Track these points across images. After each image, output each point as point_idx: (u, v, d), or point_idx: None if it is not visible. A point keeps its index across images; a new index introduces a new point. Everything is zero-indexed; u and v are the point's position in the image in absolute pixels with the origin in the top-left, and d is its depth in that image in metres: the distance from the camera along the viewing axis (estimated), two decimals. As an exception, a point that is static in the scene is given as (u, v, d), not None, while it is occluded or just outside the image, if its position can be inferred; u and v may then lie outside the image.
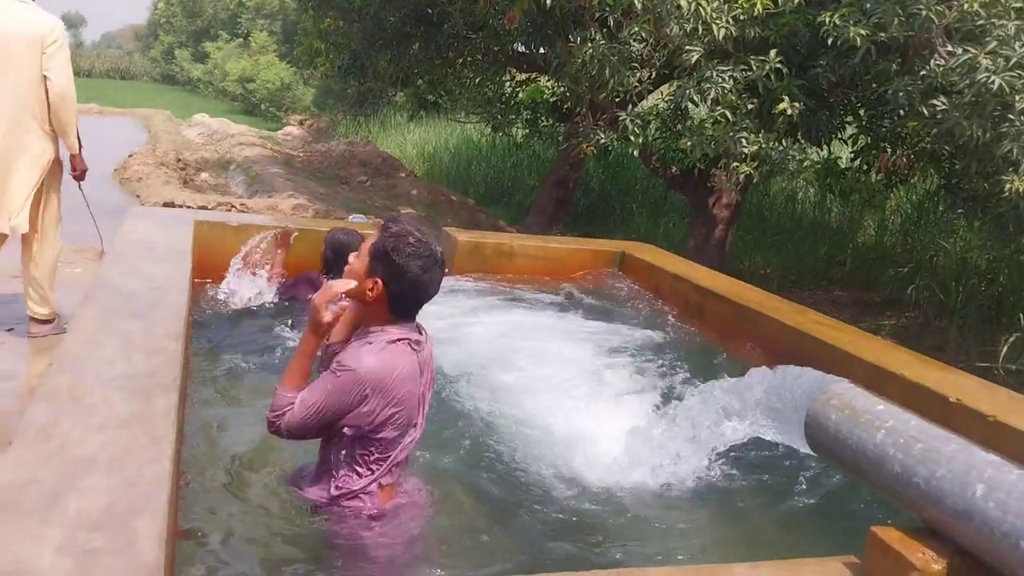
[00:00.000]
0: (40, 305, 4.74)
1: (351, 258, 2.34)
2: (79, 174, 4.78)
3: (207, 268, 4.46)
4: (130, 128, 20.39)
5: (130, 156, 13.19)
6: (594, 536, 2.40)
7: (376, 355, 2.21)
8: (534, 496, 2.53)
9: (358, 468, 2.25)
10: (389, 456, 2.27)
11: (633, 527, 2.42)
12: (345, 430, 2.21)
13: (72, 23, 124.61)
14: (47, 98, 4.40)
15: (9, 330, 5.04)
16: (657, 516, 2.46)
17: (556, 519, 2.43)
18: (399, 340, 2.26)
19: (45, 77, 4.34)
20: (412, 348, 2.28)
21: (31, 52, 4.29)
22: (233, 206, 9.26)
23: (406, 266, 2.22)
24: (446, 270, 2.38)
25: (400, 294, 2.26)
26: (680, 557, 2.19)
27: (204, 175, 13.07)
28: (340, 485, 2.25)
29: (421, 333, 2.36)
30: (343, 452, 2.26)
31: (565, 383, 3.32)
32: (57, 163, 4.63)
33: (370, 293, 2.24)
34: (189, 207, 8.65)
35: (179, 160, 13.42)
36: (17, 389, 4.16)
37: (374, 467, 2.26)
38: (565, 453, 2.75)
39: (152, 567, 1.53)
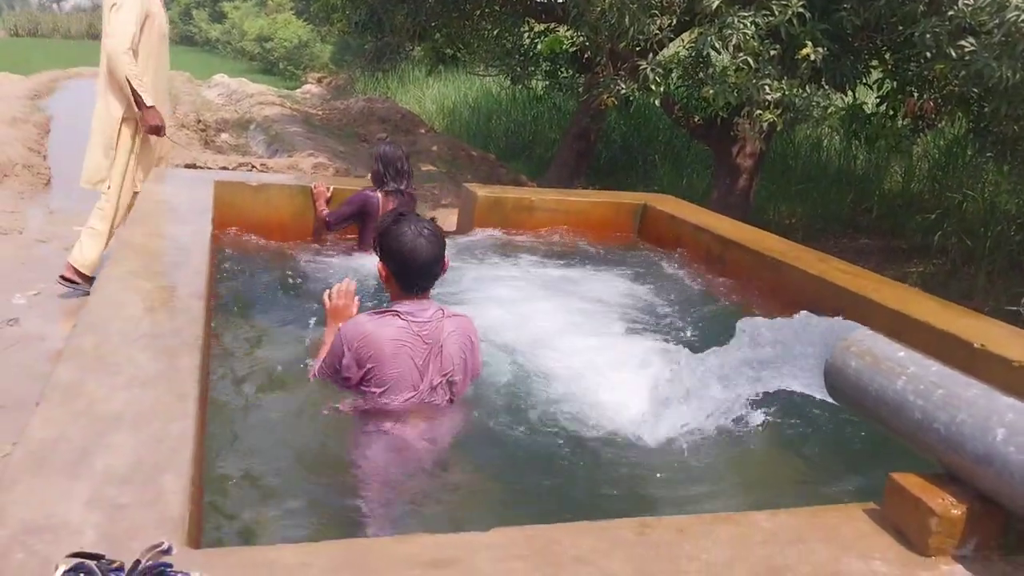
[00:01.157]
0: (81, 255, 4.91)
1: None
2: (150, 129, 4.94)
3: (228, 227, 4.52)
4: (150, 90, 20.37)
5: (151, 118, 13.20)
6: (616, 487, 2.42)
7: (358, 320, 2.64)
8: (555, 448, 2.55)
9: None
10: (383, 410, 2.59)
11: (654, 477, 2.44)
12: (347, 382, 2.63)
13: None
14: None
15: (36, 294, 5.11)
16: (678, 466, 2.47)
17: (578, 471, 2.46)
18: (389, 312, 2.62)
19: None
20: (401, 318, 2.59)
21: (105, 16, 4.76)
22: (254, 166, 9.28)
23: (392, 245, 2.61)
24: (445, 239, 2.71)
25: (396, 271, 2.64)
26: (701, 506, 2.21)
27: (224, 136, 13.08)
28: None
29: (431, 311, 2.65)
30: None
31: (585, 335, 3.32)
32: (127, 121, 4.92)
33: (382, 276, 2.69)
34: (210, 168, 8.67)
35: (199, 121, 13.43)
36: (47, 351, 4.24)
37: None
38: (587, 405, 2.76)
39: (178, 520, 1.56)
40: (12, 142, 9.50)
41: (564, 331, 3.46)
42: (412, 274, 2.63)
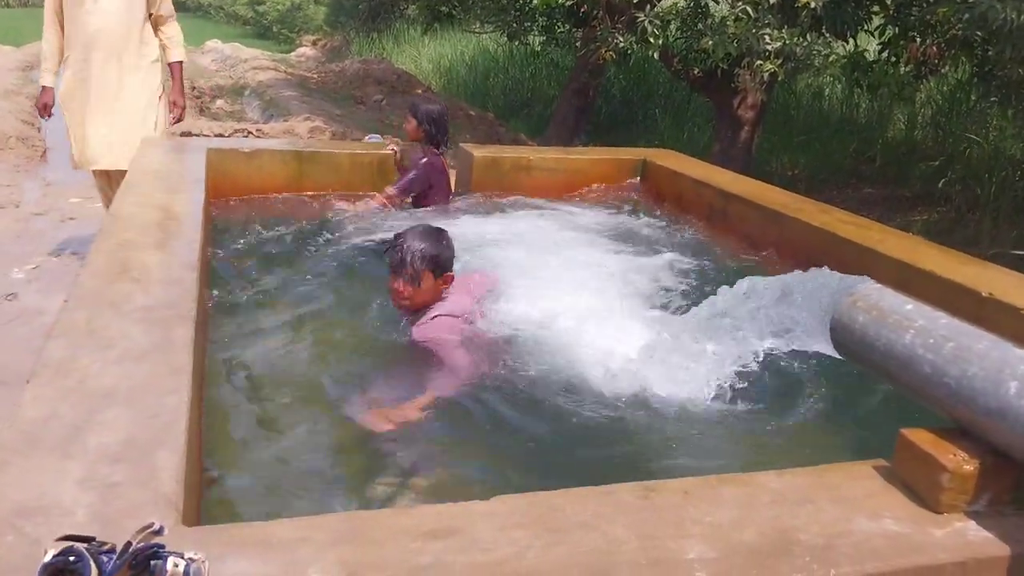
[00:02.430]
0: None
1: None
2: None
3: (222, 196, 4.45)
4: (144, 58, 20.17)
5: (145, 86, 13.07)
6: (616, 448, 2.39)
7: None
8: (555, 411, 2.51)
9: None
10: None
11: (656, 438, 2.40)
12: None
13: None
14: None
15: (35, 268, 5.08)
16: (680, 426, 2.43)
17: (577, 432, 2.42)
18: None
19: None
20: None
21: None
22: (249, 132, 9.16)
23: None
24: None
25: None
26: (706, 468, 2.17)
27: (219, 102, 12.95)
28: None
29: None
30: None
31: (585, 292, 3.27)
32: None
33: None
34: (206, 135, 8.57)
35: (194, 88, 13.28)
36: (46, 324, 4.21)
37: None
38: (586, 363, 2.72)
39: (173, 498, 1.53)
40: (5, 115, 9.40)
41: (562, 290, 3.41)
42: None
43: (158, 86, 5.14)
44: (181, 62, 5.30)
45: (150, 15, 5.02)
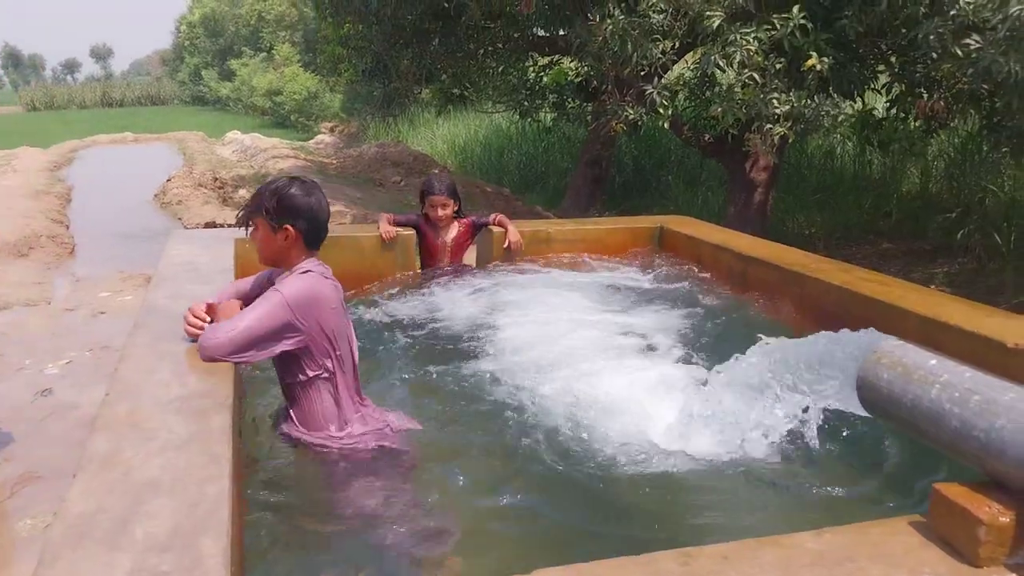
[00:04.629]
0: None
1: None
2: None
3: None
4: (166, 152, 20.74)
5: (168, 180, 13.42)
6: (654, 514, 2.39)
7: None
8: (588, 476, 2.53)
9: None
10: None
11: (692, 502, 2.41)
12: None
13: (100, 55, 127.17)
14: None
15: (68, 363, 5.17)
16: (716, 488, 2.44)
17: (613, 498, 2.43)
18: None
19: None
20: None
21: None
22: (272, 219, 9.34)
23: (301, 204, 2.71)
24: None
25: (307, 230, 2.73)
26: (744, 530, 2.17)
27: (242, 191, 13.22)
28: None
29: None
30: None
31: (613, 357, 3.31)
32: None
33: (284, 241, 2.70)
34: (230, 225, 8.76)
35: (216, 179, 13.60)
36: (81, 418, 4.28)
37: None
38: (616, 426, 2.74)
39: (220, 584, 1.56)
40: (36, 215, 9.67)
41: (589, 354, 3.45)
42: (321, 230, 2.78)
43: None
44: None
45: None
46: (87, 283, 7.28)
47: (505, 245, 5.01)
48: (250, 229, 2.79)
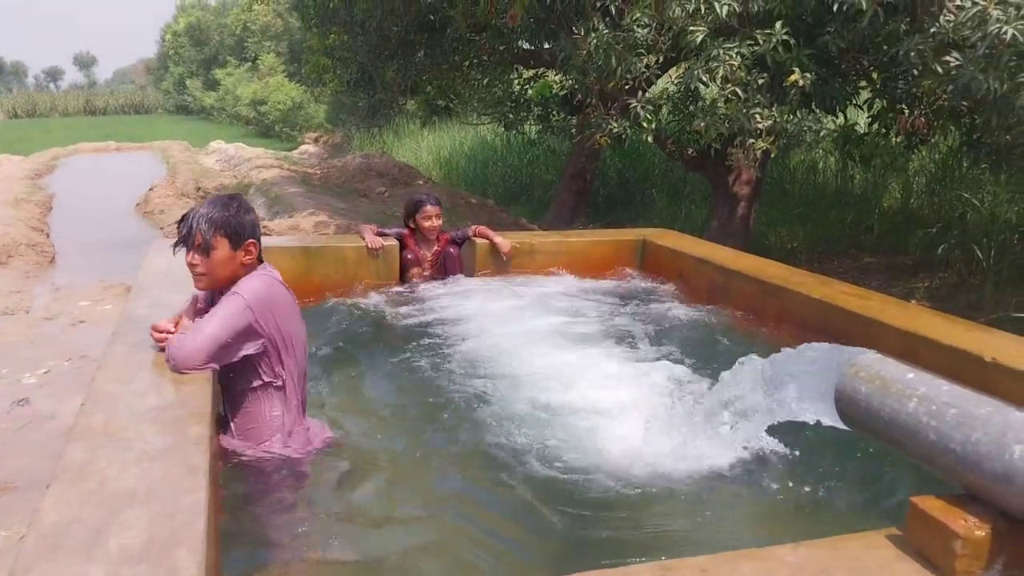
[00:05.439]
0: None
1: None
2: None
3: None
4: (149, 161, 20.66)
5: (151, 189, 13.36)
6: (632, 526, 2.39)
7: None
8: (566, 487, 2.53)
9: None
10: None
11: (670, 514, 2.41)
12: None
13: (84, 63, 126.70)
14: None
15: (46, 372, 5.13)
16: (694, 501, 2.44)
17: (592, 511, 2.43)
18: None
19: None
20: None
21: None
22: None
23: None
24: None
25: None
26: (722, 542, 2.18)
27: (225, 201, 13.17)
28: None
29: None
30: None
31: (590, 370, 3.31)
32: None
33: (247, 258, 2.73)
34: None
35: (199, 189, 13.56)
36: (58, 428, 4.24)
37: None
38: (593, 438, 2.75)
39: (194, 597, 1.55)
40: (15, 223, 9.60)
41: (567, 365, 3.46)
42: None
43: None
44: None
45: None
46: (67, 292, 7.23)
47: (504, 253, 5.12)
48: (195, 252, 2.72)
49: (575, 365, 3.44)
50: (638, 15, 5.93)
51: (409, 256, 5.05)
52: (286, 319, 2.66)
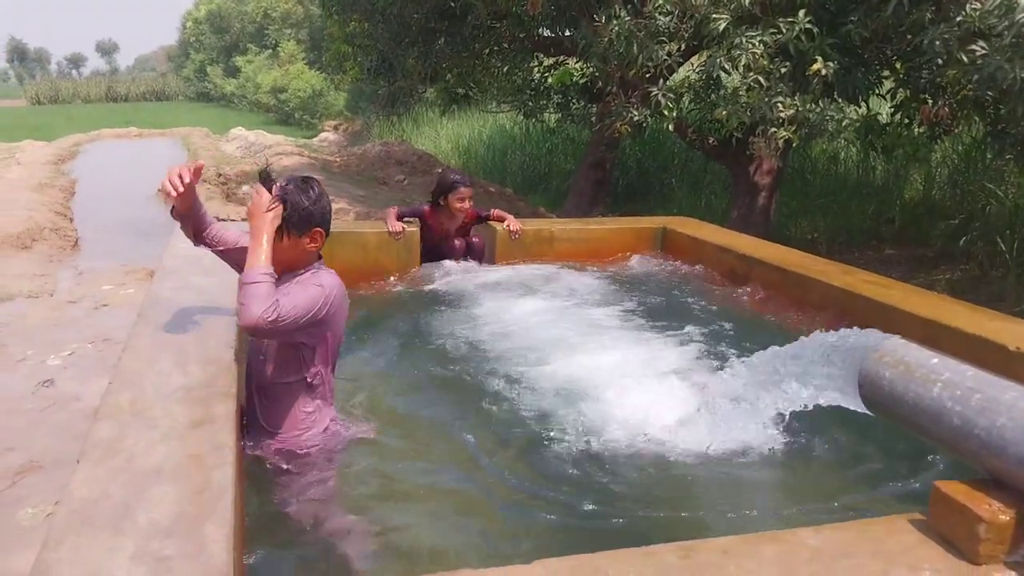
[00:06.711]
0: None
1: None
2: None
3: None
4: (170, 147, 20.75)
5: (172, 175, 13.39)
6: (656, 507, 2.40)
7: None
8: (592, 470, 2.54)
9: None
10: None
11: (687, 493, 2.42)
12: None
13: (106, 50, 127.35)
14: None
15: (70, 354, 5.17)
16: (712, 482, 2.45)
17: (617, 492, 2.44)
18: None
19: None
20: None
21: None
22: (276, 215, 9.35)
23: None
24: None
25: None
26: (744, 525, 2.18)
27: (245, 188, 13.23)
28: None
29: None
30: None
31: (617, 356, 3.32)
32: None
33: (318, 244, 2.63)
34: (233, 220, 8.77)
35: (220, 175, 13.61)
36: (82, 409, 4.29)
37: None
38: (617, 421, 2.75)
39: (222, 570, 1.57)
40: (39, 207, 9.68)
41: (592, 349, 3.47)
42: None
43: None
44: None
45: None
46: (90, 276, 7.29)
47: (513, 232, 5.17)
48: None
49: (603, 352, 3.45)
50: (660, 2, 5.91)
51: (432, 230, 5.14)
52: (339, 323, 2.65)
